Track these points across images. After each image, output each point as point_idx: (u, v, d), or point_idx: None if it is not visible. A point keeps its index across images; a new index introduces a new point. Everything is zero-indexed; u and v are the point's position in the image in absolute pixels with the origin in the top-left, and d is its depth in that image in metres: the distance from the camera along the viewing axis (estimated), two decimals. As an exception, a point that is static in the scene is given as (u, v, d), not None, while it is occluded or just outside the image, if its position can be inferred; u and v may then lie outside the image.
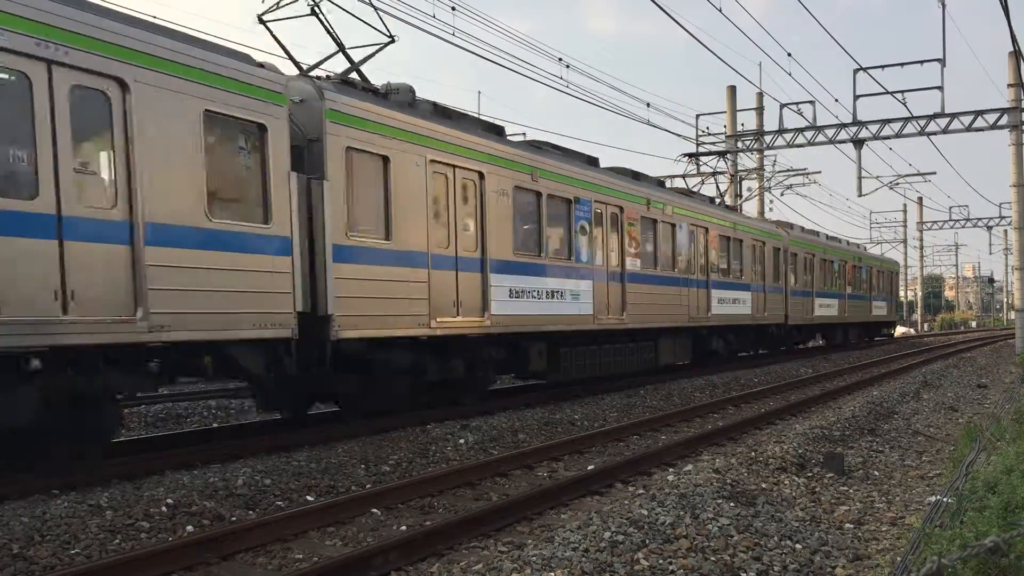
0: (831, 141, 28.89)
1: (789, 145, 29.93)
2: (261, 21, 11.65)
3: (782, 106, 29.35)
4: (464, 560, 5.81)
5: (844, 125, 28.49)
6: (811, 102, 28.84)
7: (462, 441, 10.47)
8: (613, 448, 10.60)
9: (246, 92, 9.17)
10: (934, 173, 63.79)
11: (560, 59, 21.98)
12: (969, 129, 27.38)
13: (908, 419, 12.62)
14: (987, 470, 6.50)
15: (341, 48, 11.95)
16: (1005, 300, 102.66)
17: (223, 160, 9.07)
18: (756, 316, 23.42)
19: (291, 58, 12.11)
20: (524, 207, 13.82)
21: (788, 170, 37.81)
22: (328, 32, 11.79)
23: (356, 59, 12.10)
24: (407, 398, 12.01)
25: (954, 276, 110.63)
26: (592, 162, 16.73)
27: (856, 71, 27.29)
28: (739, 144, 31.85)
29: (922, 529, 5.37)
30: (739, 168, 32.36)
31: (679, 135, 76.80)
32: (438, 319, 11.78)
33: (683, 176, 29.37)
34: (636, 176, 18.48)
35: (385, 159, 10.95)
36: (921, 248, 65.58)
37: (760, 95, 32.80)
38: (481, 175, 12.71)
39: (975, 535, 4.38)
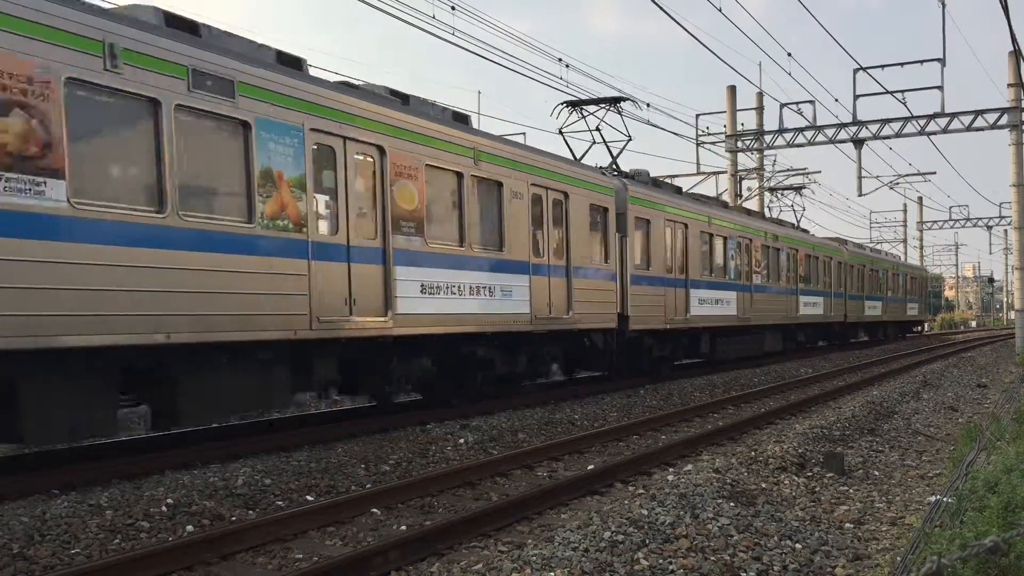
0: (831, 141, 28.90)
1: (789, 145, 29.95)
2: (561, 133, 18.38)
3: (782, 106, 29.38)
4: (464, 560, 5.81)
5: (844, 125, 28.49)
6: (811, 102, 28.86)
7: (462, 441, 10.47)
8: (613, 448, 10.60)
9: (601, 191, 15.93)
10: (934, 173, 63.99)
11: (560, 59, 21.96)
12: (969, 129, 27.38)
13: (908, 419, 12.62)
14: (987, 470, 6.50)
15: (608, 148, 18.78)
16: (1005, 300, 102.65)
17: (592, 228, 15.56)
18: (826, 315, 29.72)
19: (574, 156, 17.93)
20: (703, 242, 20.23)
21: (788, 170, 37.86)
22: (603, 140, 18.64)
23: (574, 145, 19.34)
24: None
25: (954, 276, 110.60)
26: (725, 205, 24.10)
27: (856, 71, 27.30)
28: (739, 144, 31.86)
29: (922, 529, 5.37)
30: (739, 168, 32.40)
31: (679, 135, 76.82)
32: (668, 318, 18.23)
33: (687, 175, 32.69)
34: (749, 213, 26.11)
35: (648, 221, 17.71)
36: (921, 248, 65.56)
37: (760, 95, 32.75)
38: (686, 225, 19.30)
39: (975, 535, 4.38)
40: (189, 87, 8.40)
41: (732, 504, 6.60)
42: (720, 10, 18.73)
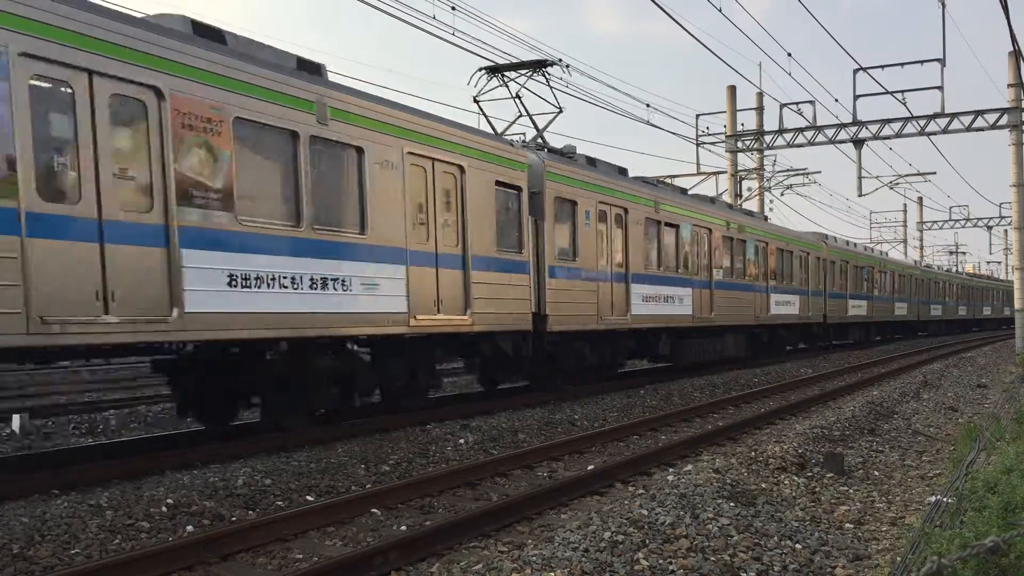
0: (831, 141, 28.90)
1: (789, 145, 29.95)
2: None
3: (782, 106, 29.38)
4: (464, 560, 5.81)
5: (844, 125, 28.50)
6: (811, 102, 28.87)
7: (462, 441, 10.47)
8: (613, 448, 10.60)
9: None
10: (934, 173, 63.90)
11: (560, 59, 21.91)
12: (969, 129, 27.38)
13: (908, 419, 12.62)
14: (987, 470, 6.51)
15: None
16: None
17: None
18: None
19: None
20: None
21: (788, 170, 37.88)
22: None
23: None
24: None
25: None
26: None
27: (856, 71, 27.30)
28: (739, 144, 31.86)
29: (922, 529, 5.37)
30: (739, 168, 32.41)
31: (679, 135, 76.76)
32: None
33: (687, 175, 32.30)
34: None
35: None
36: (921, 248, 65.53)
37: (760, 95, 32.74)
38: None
39: (975, 535, 4.38)
40: None
41: (732, 504, 6.60)
42: (720, 10, 18.72)
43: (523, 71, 15.72)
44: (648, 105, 37.62)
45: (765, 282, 24.34)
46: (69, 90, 7.49)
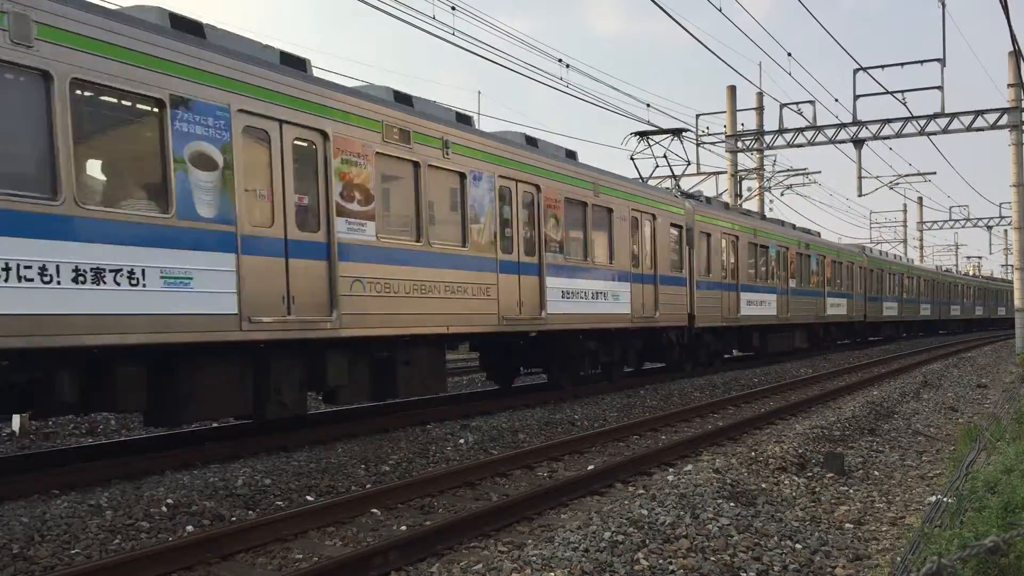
0: (831, 141, 28.91)
1: (789, 145, 29.96)
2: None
3: (782, 106, 29.38)
4: (464, 560, 5.81)
5: (844, 125, 28.51)
6: (811, 102, 28.87)
7: (462, 441, 10.47)
8: (613, 448, 10.60)
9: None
10: (934, 173, 63.87)
11: (560, 59, 21.93)
12: (969, 129, 27.39)
13: (908, 419, 12.61)
14: (987, 470, 6.50)
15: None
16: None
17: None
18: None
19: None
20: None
21: (788, 170, 37.90)
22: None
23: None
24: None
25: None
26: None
27: (856, 71, 27.31)
28: (739, 144, 31.85)
29: (922, 529, 5.37)
30: (739, 168, 32.40)
31: (679, 135, 76.24)
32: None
33: (687, 176, 33.61)
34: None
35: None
36: (921, 248, 65.50)
37: (760, 95, 32.74)
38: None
39: (975, 535, 4.38)
40: None
41: (732, 504, 6.59)
42: (720, 10, 18.74)
43: (664, 135, 21.09)
44: (648, 105, 37.63)
45: (823, 288, 29.40)
46: (511, 191, 13.26)
